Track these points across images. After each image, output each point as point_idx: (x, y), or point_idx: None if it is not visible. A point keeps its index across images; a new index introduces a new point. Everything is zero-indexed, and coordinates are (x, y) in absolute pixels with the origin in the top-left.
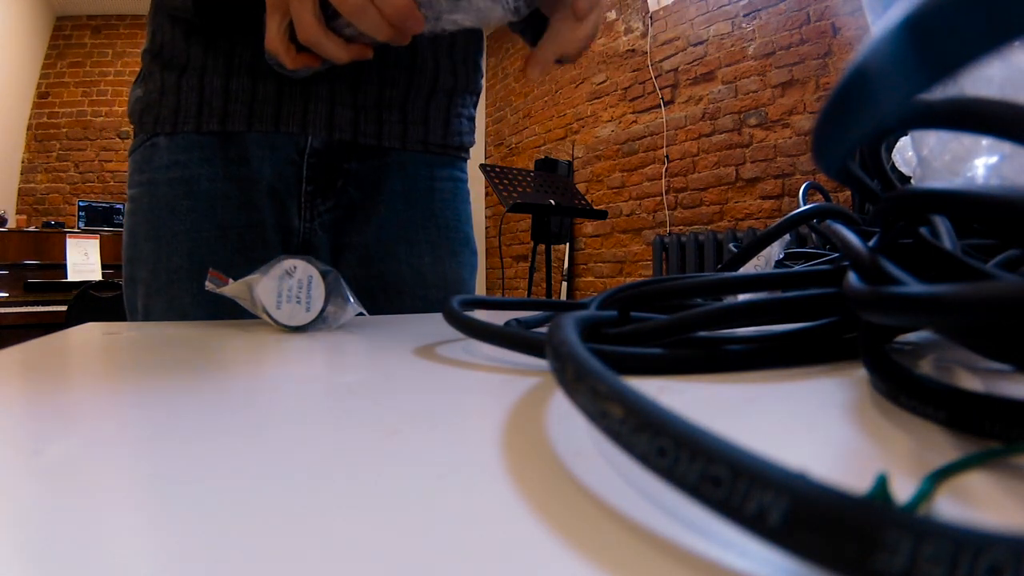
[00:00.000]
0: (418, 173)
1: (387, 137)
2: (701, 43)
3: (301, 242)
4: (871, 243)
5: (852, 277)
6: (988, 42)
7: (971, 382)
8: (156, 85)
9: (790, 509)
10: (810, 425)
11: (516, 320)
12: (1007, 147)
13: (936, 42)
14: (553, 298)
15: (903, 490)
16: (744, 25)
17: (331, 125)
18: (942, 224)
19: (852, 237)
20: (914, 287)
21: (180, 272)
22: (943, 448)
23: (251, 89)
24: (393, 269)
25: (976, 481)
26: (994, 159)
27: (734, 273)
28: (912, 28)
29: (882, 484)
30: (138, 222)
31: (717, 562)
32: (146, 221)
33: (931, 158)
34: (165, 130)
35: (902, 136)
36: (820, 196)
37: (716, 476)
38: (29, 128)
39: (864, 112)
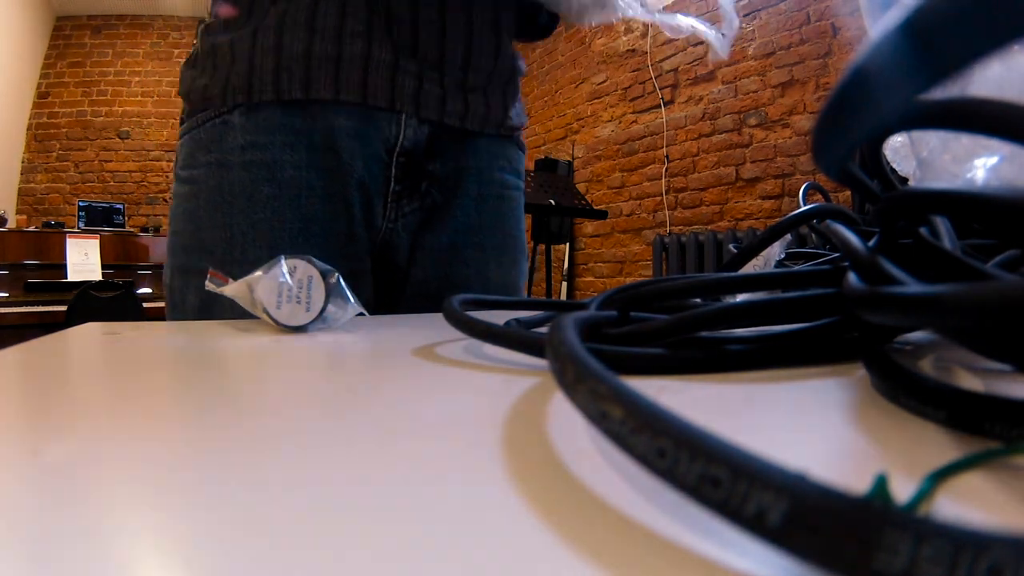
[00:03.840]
0: (492, 179)
1: (471, 120)
2: (701, 43)
3: (381, 241)
4: (871, 243)
5: (852, 277)
6: (988, 43)
7: (971, 382)
8: (225, 51)
9: (789, 510)
10: (810, 425)
11: (516, 320)
12: (1007, 148)
13: (936, 43)
14: (553, 298)
15: (903, 490)
16: (744, 25)
17: (417, 102)
18: (942, 224)
19: (852, 237)
20: (914, 287)
21: (258, 265)
22: (943, 448)
23: (336, 55)
24: (462, 272)
25: (976, 481)
26: (994, 160)
27: (734, 273)
28: (912, 29)
29: (882, 484)
30: (200, 207)
31: (717, 562)
32: (212, 207)
33: (931, 159)
34: (238, 100)
35: (892, 136)
36: (820, 196)
37: (715, 477)
38: (29, 128)
39: (864, 113)
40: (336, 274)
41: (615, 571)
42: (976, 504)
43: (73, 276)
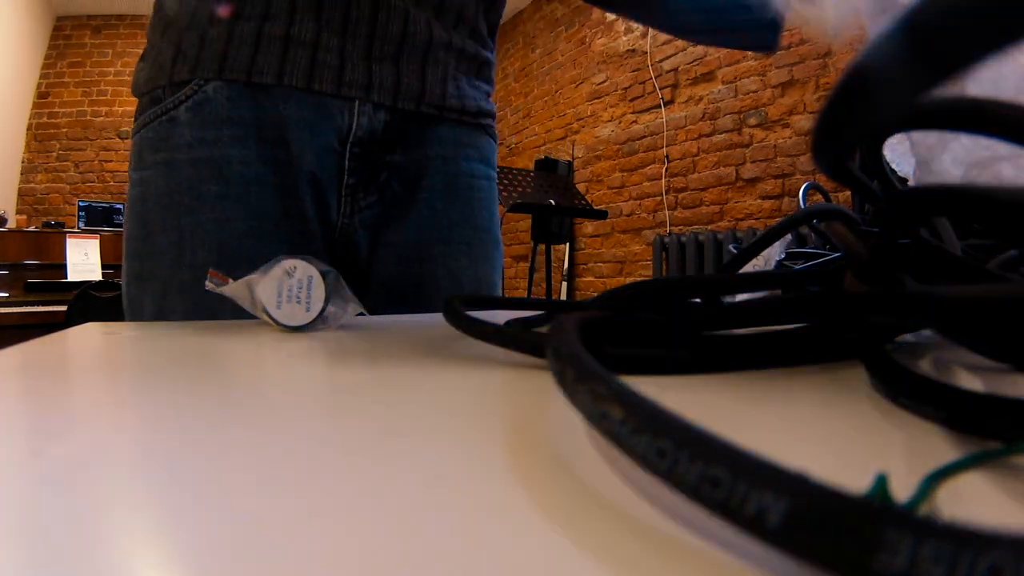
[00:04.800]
0: (459, 169)
1: (376, 91)
2: None
3: (338, 238)
4: (871, 243)
5: (852, 277)
6: (989, 43)
7: (971, 382)
8: (172, 40)
9: (789, 510)
10: (810, 425)
11: (516, 320)
12: (1007, 148)
13: (937, 43)
14: (553, 298)
15: (903, 490)
16: None
17: (311, 75)
18: (942, 224)
19: (852, 237)
20: (913, 287)
21: (207, 268)
22: (943, 448)
23: (283, 35)
24: (429, 271)
25: (976, 481)
26: (994, 160)
27: (734, 273)
28: (913, 29)
29: (882, 484)
30: (150, 209)
31: (718, 562)
32: (162, 208)
33: (931, 158)
34: (182, 76)
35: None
36: (820, 196)
37: (715, 477)
38: (29, 128)
39: (863, 113)
40: (336, 273)
41: (615, 571)
42: (976, 504)
43: (73, 276)
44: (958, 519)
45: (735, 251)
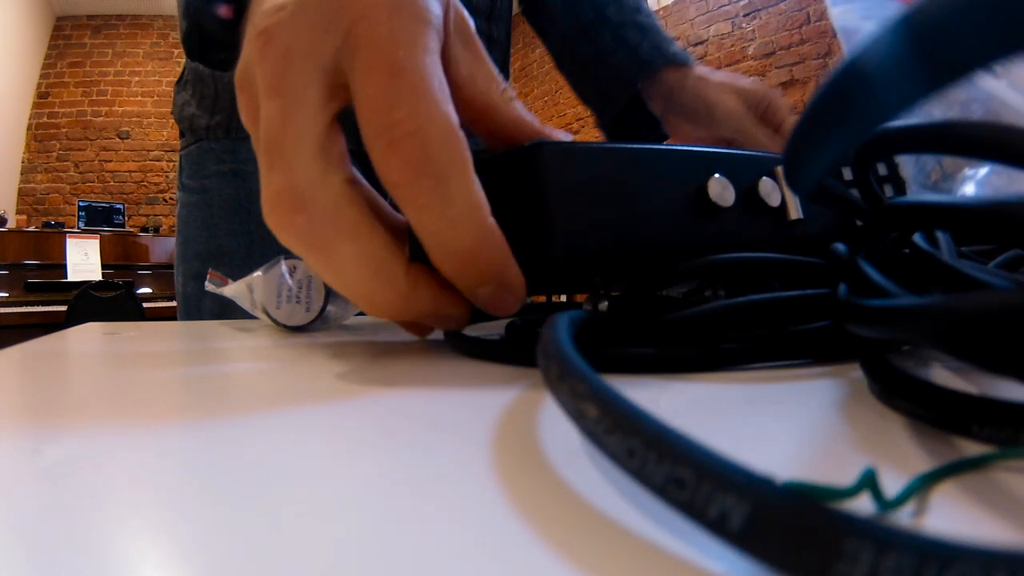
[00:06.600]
0: None
1: None
2: (701, 43)
3: None
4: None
5: (843, 288)
6: (989, 48)
7: (964, 384)
8: (209, 91)
9: (751, 514)
10: (807, 426)
11: (515, 321)
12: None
13: (937, 46)
14: (554, 300)
15: (894, 493)
16: (744, 25)
17: None
18: (940, 235)
19: (838, 246)
20: (897, 300)
21: None
22: (935, 451)
23: None
24: None
25: (967, 486)
26: (983, 171)
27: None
28: (911, 31)
29: (870, 478)
30: (215, 214)
31: (701, 565)
32: (230, 214)
33: (918, 173)
34: (219, 135)
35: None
36: None
37: (680, 478)
38: (29, 128)
39: (850, 125)
40: None
41: (606, 573)
42: (965, 510)
43: (73, 276)
44: (944, 527)
45: None
